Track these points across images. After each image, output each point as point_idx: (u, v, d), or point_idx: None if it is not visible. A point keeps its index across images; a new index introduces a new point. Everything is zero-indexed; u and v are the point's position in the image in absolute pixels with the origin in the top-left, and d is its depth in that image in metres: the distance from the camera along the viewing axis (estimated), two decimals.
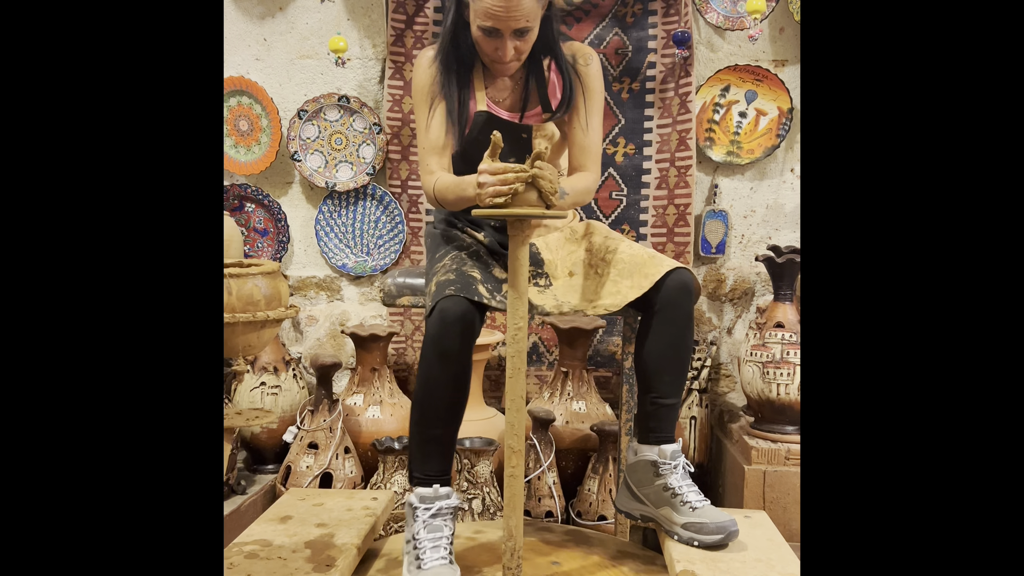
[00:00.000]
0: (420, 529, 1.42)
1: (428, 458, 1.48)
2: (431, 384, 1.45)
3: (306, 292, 2.77)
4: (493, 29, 1.47)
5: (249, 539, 1.53)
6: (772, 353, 2.14)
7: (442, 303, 1.42)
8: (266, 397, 2.42)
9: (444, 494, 1.45)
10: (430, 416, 1.47)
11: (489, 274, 1.54)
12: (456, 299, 1.42)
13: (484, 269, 1.55)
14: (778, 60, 2.61)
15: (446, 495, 1.45)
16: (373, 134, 2.65)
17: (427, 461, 1.48)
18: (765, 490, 2.08)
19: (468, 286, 1.45)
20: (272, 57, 2.70)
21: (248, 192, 2.70)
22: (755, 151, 2.60)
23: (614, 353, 2.65)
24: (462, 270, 1.50)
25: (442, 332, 1.41)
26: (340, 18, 2.67)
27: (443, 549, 1.40)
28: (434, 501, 1.44)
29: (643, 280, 1.49)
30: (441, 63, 1.59)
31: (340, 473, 2.26)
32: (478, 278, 1.50)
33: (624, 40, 2.60)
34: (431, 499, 1.44)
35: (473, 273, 1.51)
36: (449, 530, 1.43)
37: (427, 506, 1.43)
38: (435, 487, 1.45)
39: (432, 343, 1.43)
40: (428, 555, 1.39)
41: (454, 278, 1.47)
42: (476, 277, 1.50)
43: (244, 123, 2.69)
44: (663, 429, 1.53)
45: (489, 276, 1.54)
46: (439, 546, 1.40)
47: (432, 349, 1.43)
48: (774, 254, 2.16)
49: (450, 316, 1.41)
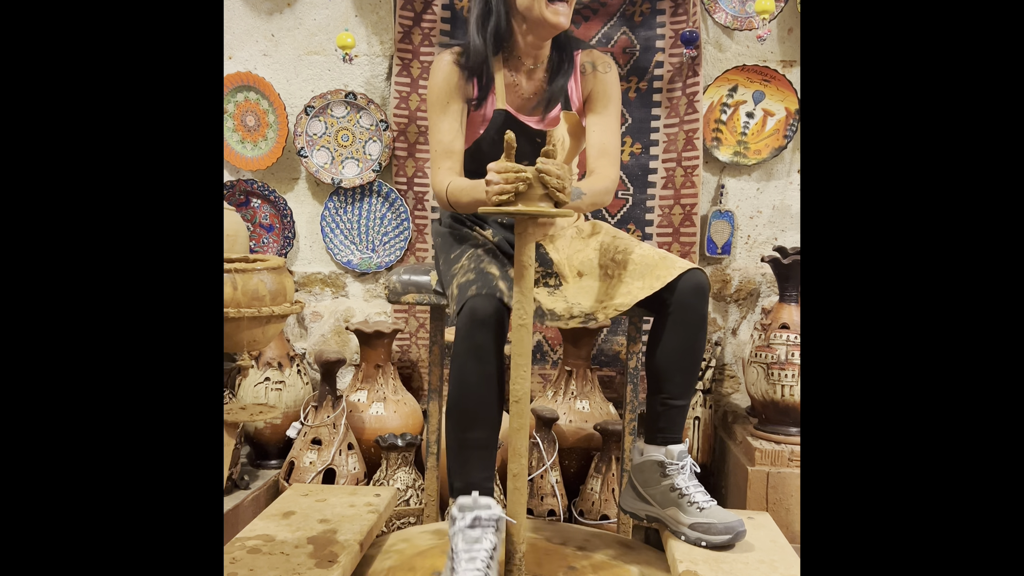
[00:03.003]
0: (459, 540, 1.34)
1: (466, 464, 1.42)
2: (466, 385, 1.40)
3: (311, 288, 2.78)
4: None
5: (252, 534, 1.53)
6: (777, 354, 2.14)
7: (471, 302, 1.40)
8: (270, 392, 2.43)
9: (484, 504, 1.36)
10: (467, 420, 1.41)
11: (505, 272, 1.54)
12: (484, 297, 1.40)
13: (501, 267, 1.54)
14: (786, 61, 2.60)
15: (485, 505, 1.36)
16: (380, 131, 2.65)
17: (465, 467, 1.42)
18: (768, 491, 2.08)
19: (490, 284, 1.44)
20: (280, 53, 2.70)
21: (254, 187, 2.70)
22: (762, 152, 2.60)
23: (618, 352, 2.65)
24: (481, 268, 1.49)
25: (473, 330, 1.39)
26: (348, 14, 2.67)
27: (480, 562, 1.31)
28: (473, 510, 1.35)
29: (655, 281, 1.49)
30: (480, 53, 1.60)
31: (343, 469, 2.27)
32: (497, 275, 1.49)
33: (632, 39, 2.59)
34: (470, 508, 1.36)
35: (492, 270, 1.49)
36: (489, 543, 1.33)
37: (464, 514, 1.35)
38: (474, 495, 1.37)
39: (464, 341, 1.40)
40: (463, 567, 1.30)
41: (475, 278, 1.46)
42: (495, 274, 1.49)
43: (251, 118, 2.69)
44: (671, 430, 1.53)
45: (506, 275, 1.53)
46: (475, 558, 1.31)
47: (465, 348, 1.40)
48: (780, 255, 2.16)
49: (480, 314, 1.38)
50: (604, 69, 1.66)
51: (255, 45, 2.71)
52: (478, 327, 1.39)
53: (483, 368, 1.40)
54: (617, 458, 2.21)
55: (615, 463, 2.22)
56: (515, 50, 1.64)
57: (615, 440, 2.21)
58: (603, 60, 1.67)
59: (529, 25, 1.58)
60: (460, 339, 1.41)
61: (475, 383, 1.40)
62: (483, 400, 1.41)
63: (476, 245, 1.60)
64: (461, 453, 1.42)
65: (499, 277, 1.48)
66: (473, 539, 1.33)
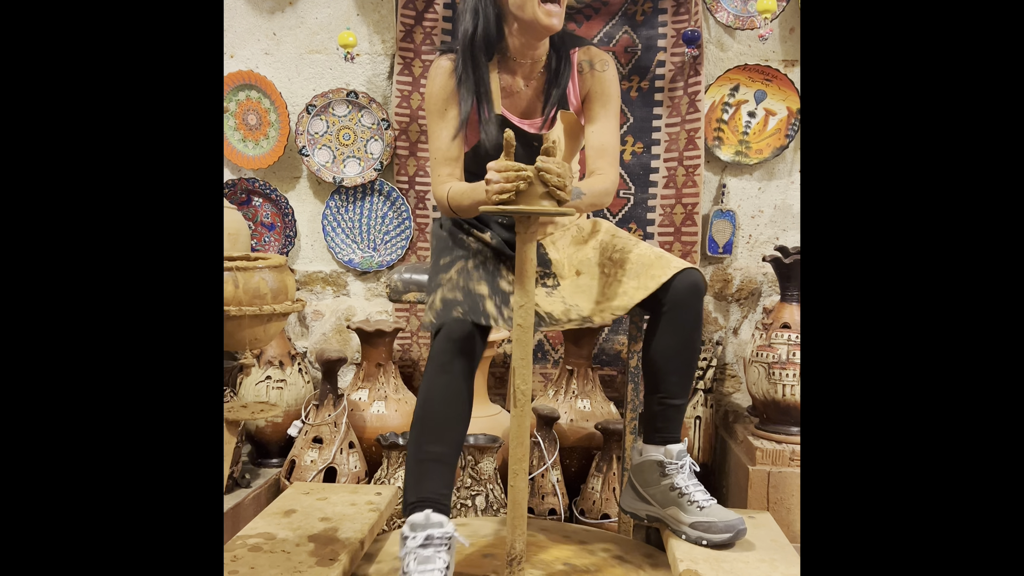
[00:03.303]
0: (409, 560, 1.30)
1: (423, 479, 1.39)
2: (432, 400, 1.42)
3: (312, 287, 2.78)
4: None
5: (253, 532, 1.53)
6: (778, 354, 2.14)
7: (449, 325, 1.42)
8: (271, 391, 2.43)
9: (436, 522, 1.33)
10: (429, 433, 1.41)
11: (496, 286, 1.53)
12: (462, 322, 1.42)
13: (491, 281, 1.53)
14: (788, 60, 2.60)
15: (438, 523, 1.33)
16: (381, 130, 2.65)
17: (422, 481, 1.39)
18: (769, 491, 2.08)
19: (475, 306, 1.45)
20: (281, 52, 2.71)
21: (256, 186, 2.70)
22: (764, 151, 2.60)
23: (619, 352, 2.65)
24: (469, 287, 1.49)
25: (446, 352, 1.41)
26: (350, 13, 2.67)
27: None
28: (425, 528, 1.32)
29: (650, 281, 1.48)
30: (469, 59, 1.59)
31: (344, 468, 2.27)
32: (485, 294, 1.49)
33: (634, 38, 2.59)
34: (422, 526, 1.32)
35: (480, 289, 1.49)
36: (442, 562, 1.30)
37: (415, 534, 1.32)
38: (427, 512, 1.33)
39: (435, 361, 1.42)
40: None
41: (461, 298, 1.46)
42: (483, 294, 1.49)
43: (253, 117, 2.69)
44: (670, 429, 1.53)
45: (496, 289, 1.52)
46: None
47: (435, 367, 1.42)
48: (781, 255, 2.15)
49: (455, 336, 1.41)
50: (602, 67, 1.63)
51: (257, 44, 2.71)
52: (451, 349, 1.41)
53: (451, 386, 1.42)
54: (618, 457, 2.21)
55: (616, 462, 2.22)
56: (508, 52, 1.62)
57: (616, 439, 2.21)
58: (601, 58, 1.65)
59: (521, 26, 1.56)
60: (434, 356, 1.43)
61: (441, 399, 1.41)
62: (448, 416, 1.42)
63: (468, 256, 1.58)
64: (419, 466, 1.41)
65: (487, 295, 1.48)
66: (424, 559, 1.30)
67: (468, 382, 1.44)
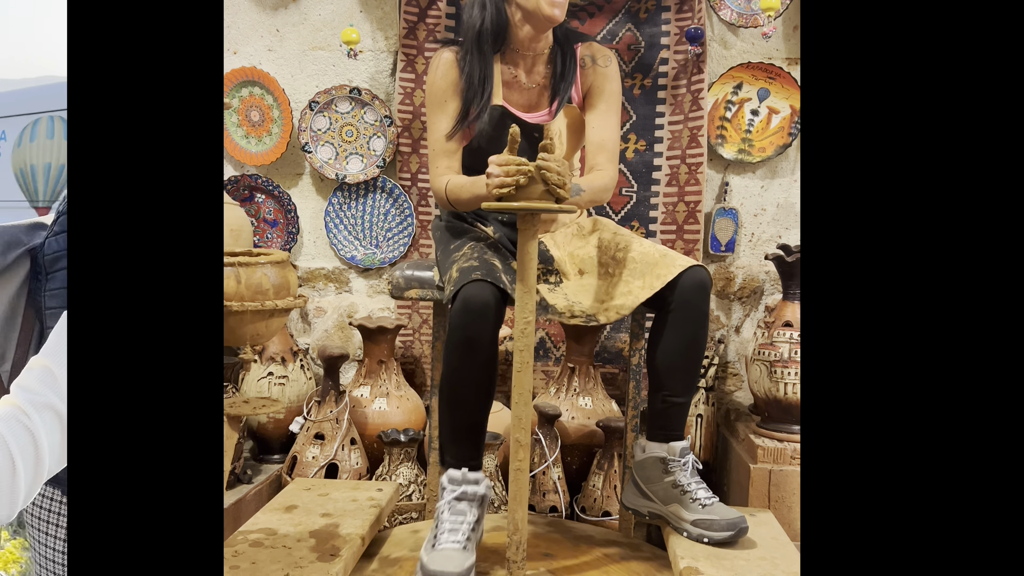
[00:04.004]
0: (444, 510, 1.41)
1: (458, 443, 1.48)
2: (458, 375, 1.44)
3: (315, 283, 2.78)
4: None
5: (254, 527, 1.53)
6: (780, 352, 2.14)
7: (467, 289, 1.40)
8: (273, 387, 2.43)
9: (472, 479, 1.44)
10: (458, 406, 1.46)
11: (508, 265, 1.53)
12: (482, 284, 1.40)
13: (504, 260, 1.54)
14: (791, 58, 2.59)
15: (474, 480, 1.44)
16: (384, 127, 2.65)
17: (457, 445, 1.48)
18: (770, 489, 2.08)
19: (492, 272, 1.44)
20: (284, 48, 2.71)
21: (258, 183, 2.70)
22: (767, 149, 2.59)
23: (621, 349, 2.65)
24: (484, 258, 1.49)
25: (467, 320, 1.39)
26: (353, 10, 2.67)
27: (461, 534, 1.38)
28: (460, 484, 1.43)
29: (655, 280, 1.48)
30: (476, 52, 1.59)
31: (346, 464, 2.27)
32: (499, 267, 1.49)
33: (637, 36, 2.59)
34: (459, 482, 1.43)
35: (495, 262, 1.49)
36: (472, 516, 1.42)
37: (453, 487, 1.43)
38: (464, 471, 1.44)
39: (457, 331, 1.40)
40: (445, 536, 1.38)
41: (477, 264, 1.45)
42: (498, 266, 1.49)
43: (256, 114, 2.69)
44: (673, 427, 1.53)
45: (508, 268, 1.53)
46: (457, 530, 1.39)
47: (458, 338, 1.41)
48: (784, 253, 2.15)
49: (476, 303, 1.39)
50: (604, 63, 1.64)
51: (260, 40, 2.71)
52: (473, 316, 1.40)
53: (475, 357, 1.42)
54: (619, 455, 2.21)
55: (617, 460, 2.22)
56: (512, 43, 1.63)
57: (617, 437, 2.21)
58: (603, 53, 1.65)
59: (524, 16, 1.57)
60: (454, 328, 1.41)
61: (468, 373, 1.43)
62: (475, 388, 1.45)
63: (478, 239, 1.60)
64: (453, 433, 1.48)
65: (502, 269, 1.48)
66: (458, 512, 1.40)
67: (492, 349, 1.44)
